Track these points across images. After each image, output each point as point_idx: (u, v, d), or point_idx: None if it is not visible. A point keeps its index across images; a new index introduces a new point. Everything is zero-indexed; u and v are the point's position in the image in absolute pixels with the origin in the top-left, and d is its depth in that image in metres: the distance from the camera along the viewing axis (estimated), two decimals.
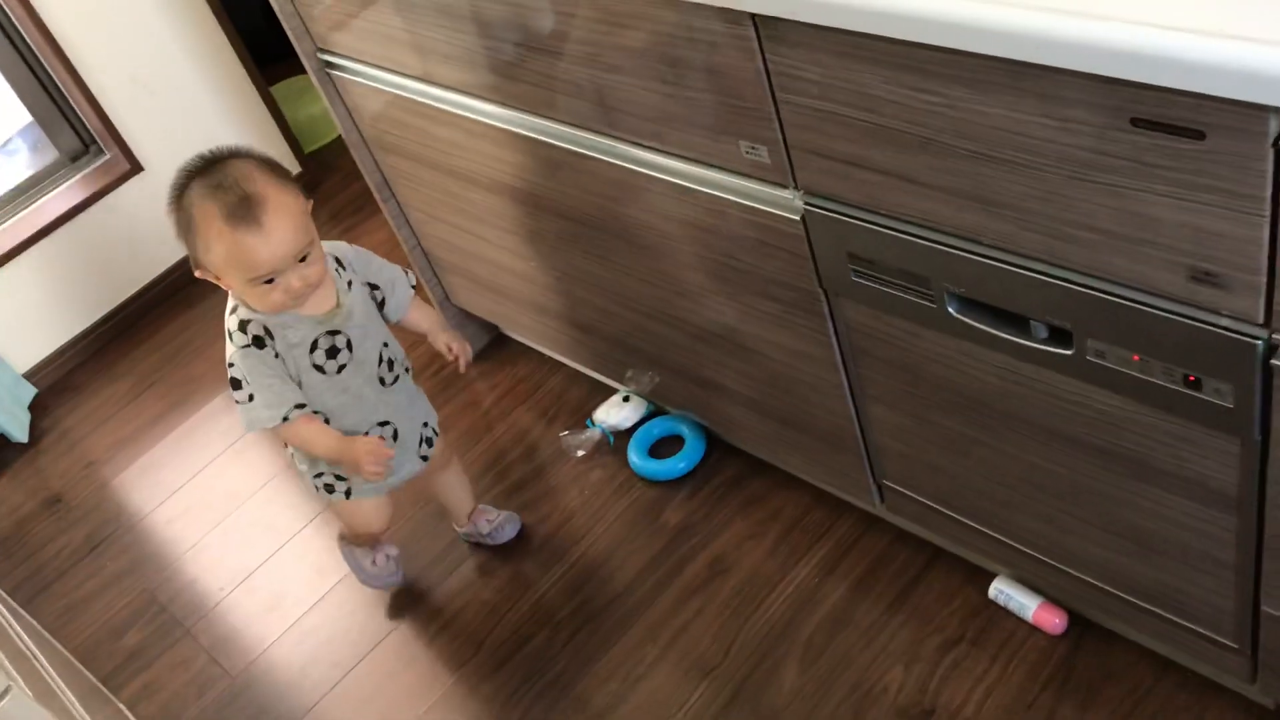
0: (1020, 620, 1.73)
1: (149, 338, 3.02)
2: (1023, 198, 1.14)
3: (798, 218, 1.40)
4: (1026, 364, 1.31)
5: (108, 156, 2.96)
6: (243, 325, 1.62)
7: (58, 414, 2.89)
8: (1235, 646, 1.42)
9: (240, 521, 2.43)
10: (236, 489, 2.50)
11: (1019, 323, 1.28)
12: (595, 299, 1.97)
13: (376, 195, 2.28)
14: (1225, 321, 1.08)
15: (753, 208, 1.45)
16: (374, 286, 1.77)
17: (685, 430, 2.17)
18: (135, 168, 2.95)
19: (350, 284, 1.71)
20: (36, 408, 2.91)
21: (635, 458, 2.18)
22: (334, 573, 2.23)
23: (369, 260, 1.79)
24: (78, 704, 1.67)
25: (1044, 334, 1.26)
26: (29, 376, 2.95)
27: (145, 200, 2.99)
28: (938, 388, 1.46)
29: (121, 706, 2.09)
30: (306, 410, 1.66)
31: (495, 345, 2.56)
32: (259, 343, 1.62)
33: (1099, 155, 1.04)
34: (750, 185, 1.44)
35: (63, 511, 2.61)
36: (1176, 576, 1.40)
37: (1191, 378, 1.15)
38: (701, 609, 1.92)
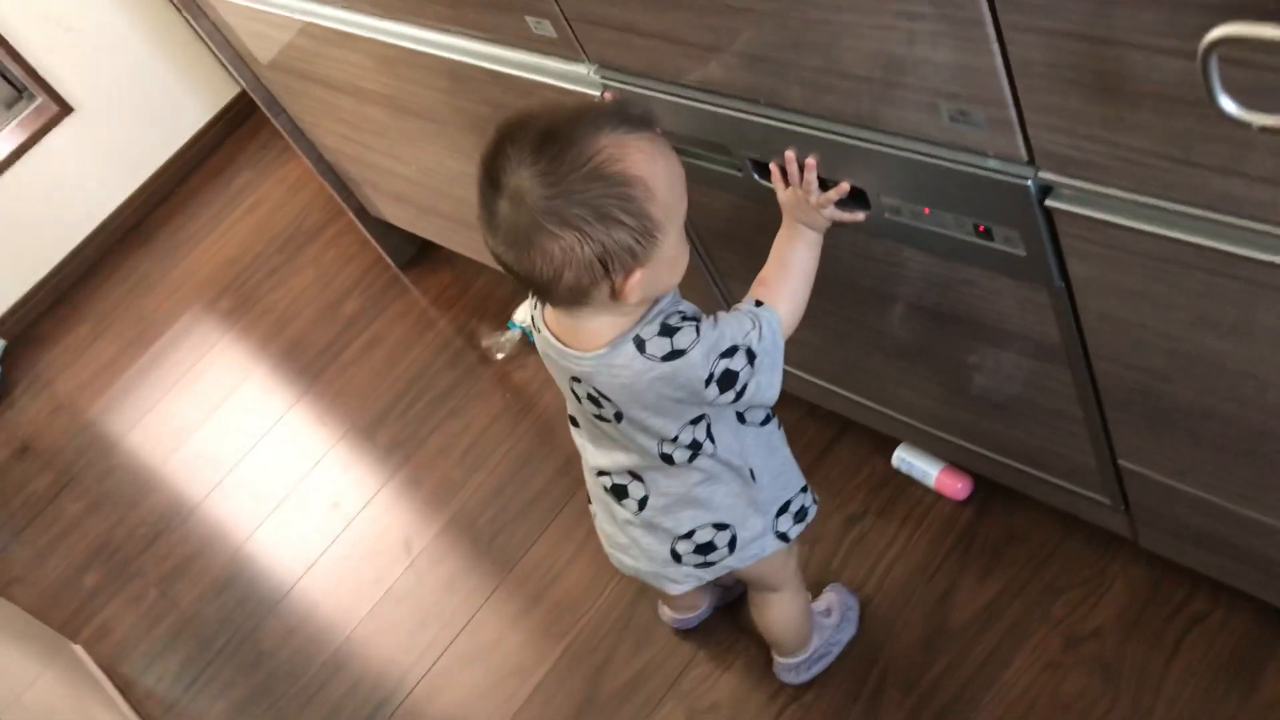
0: (926, 488, 1.66)
1: (105, 279, 3.01)
2: (775, 48, 1.03)
3: (599, 94, 1.31)
4: (833, 226, 1.21)
5: (38, 101, 2.92)
6: (666, 329, 1.09)
7: (26, 364, 2.92)
8: (1109, 503, 1.33)
9: (189, 454, 2.44)
10: (185, 423, 2.51)
11: (821, 186, 1.18)
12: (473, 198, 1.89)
13: (266, 111, 2.21)
14: (993, 163, 0.97)
15: (556, 86, 1.35)
16: None
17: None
18: (64, 109, 2.91)
19: None
20: (6, 361, 2.94)
21: None
22: (273, 497, 2.23)
23: None
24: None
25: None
26: None
27: (79, 140, 2.96)
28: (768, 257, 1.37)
29: (76, 649, 2.13)
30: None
31: (424, 252, 2.50)
32: (699, 319, 1.11)
33: None
34: (547, 62, 1.35)
35: (30, 460, 2.65)
36: (1038, 436, 1.31)
37: (981, 227, 1.05)
38: None
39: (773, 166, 1.18)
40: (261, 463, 2.32)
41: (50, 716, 1.91)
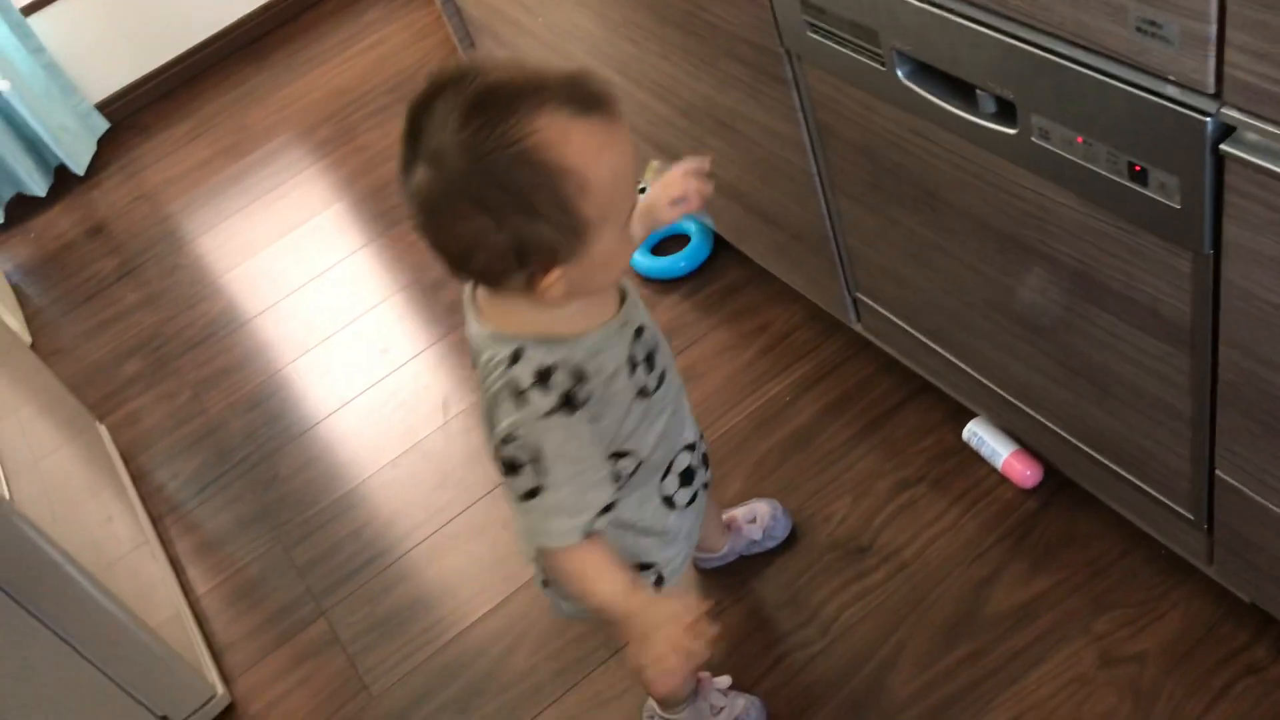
0: (992, 469, 1.55)
1: (216, 84, 2.98)
2: None
3: None
4: (974, 146, 1.10)
5: None
6: (543, 375, 0.96)
7: (121, 149, 2.90)
8: (1191, 518, 1.21)
9: (254, 269, 2.40)
10: (257, 238, 2.47)
11: (967, 94, 1.06)
12: (591, 62, 1.79)
13: None
14: (1172, 90, 0.85)
15: None
16: None
17: (693, 229, 2.01)
18: None
19: None
20: (103, 142, 2.93)
21: (636, 253, 2.02)
22: (323, 329, 2.18)
23: None
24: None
25: (991, 108, 1.05)
26: (101, 109, 2.95)
27: None
28: (896, 176, 1.26)
29: (101, 430, 2.11)
30: (605, 519, 1.04)
31: None
32: (570, 402, 0.97)
33: None
34: None
35: (101, 241, 2.63)
36: (1133, 427, 1.19)
37: (1137, 168, 0.93)
38: None
39: None
40: (321, 294, 2.27)
41: (61, 486, 1.88)
